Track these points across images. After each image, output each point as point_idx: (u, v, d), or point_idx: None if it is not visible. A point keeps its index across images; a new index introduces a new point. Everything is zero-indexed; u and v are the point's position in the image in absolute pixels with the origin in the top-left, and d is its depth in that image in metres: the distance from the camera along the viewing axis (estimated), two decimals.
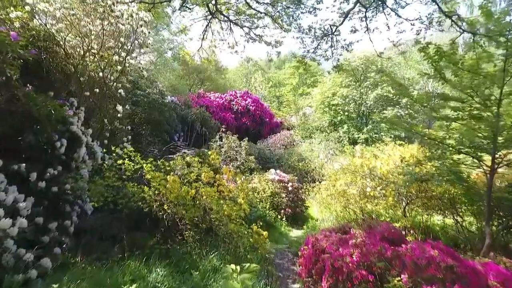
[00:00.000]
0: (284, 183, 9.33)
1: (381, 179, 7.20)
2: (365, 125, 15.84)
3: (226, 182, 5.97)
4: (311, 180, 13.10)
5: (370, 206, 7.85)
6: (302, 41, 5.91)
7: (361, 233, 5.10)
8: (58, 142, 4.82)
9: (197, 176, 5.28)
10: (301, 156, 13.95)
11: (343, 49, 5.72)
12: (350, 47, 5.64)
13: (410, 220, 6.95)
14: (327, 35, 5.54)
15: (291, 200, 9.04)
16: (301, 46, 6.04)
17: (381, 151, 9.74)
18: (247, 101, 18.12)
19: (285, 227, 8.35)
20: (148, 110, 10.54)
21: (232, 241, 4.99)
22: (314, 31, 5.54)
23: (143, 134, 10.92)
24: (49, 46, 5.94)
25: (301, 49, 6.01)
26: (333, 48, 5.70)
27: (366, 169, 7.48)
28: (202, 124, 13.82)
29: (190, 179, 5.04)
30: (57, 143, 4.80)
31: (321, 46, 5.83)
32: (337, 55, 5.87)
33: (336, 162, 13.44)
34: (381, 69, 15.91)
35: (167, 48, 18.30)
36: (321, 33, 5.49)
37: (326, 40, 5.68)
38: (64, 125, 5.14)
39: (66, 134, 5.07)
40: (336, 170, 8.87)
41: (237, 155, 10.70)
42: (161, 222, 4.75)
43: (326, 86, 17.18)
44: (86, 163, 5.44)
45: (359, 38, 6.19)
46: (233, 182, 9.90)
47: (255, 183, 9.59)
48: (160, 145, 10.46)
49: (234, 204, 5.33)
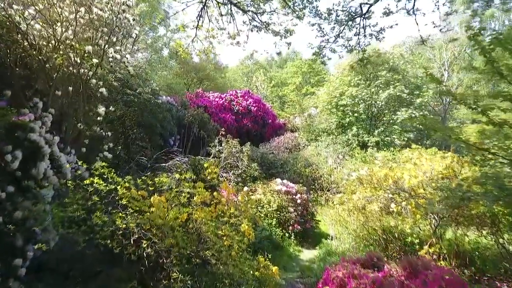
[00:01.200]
0: (291, 194, 8.22)
1: (409, 193, 6.08)
2: (376, 127, 14.71)
3: (226, 198, 4.87)
4: (319, 188, 11.99)
5: (393, 223, 6.76)
6: (319, 28, 4.79)
7: (399, 272, 3.99)
8: (10, 155, 3.72)
9: (189, 198, 4.18)
10: (307, 161, 12.82)
11: (371, 37, 4.61)
12: (381, 34, 4.50)
13: (445, 245, 5.84)
14: (353, 18, 4.43)
15: (300, 215, 7.92)
16: (318, 35, 4.92)
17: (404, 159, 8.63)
18: (249, 101, 17.01)
19: (294, 247, 7.24)
20: (139, 111, 9.42)
21: (234, 283, 3.89)
22: (336, 15, 4.43)
23: (134, 138, 9.81)
24: (7, 34, 4.84)
25: (318, 38, 4.90)
26: (359, 36, 4.59)
27: (391, 181, 6.36)
28: (200, 127, 12.70)
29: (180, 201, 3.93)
30: (7, 156, 3.69)
31: (344, 34, 4.72)
32: (364, 44, 4.75)
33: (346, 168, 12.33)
34: (393, 66, 14.80)
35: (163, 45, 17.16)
36: (345, 16, 4.39)
37: (350, 26, 4.58)
38: (23, 132, 4.05)
39: (24, 144, 3.98)
40: (352, 181, 7.75)
41: (238, 162, 9.59)
42: (141, 260, 3.65)
43: (333, 85, 16.04)
44: (50, 180, 4.32)
45: (392, 23, 5.16)
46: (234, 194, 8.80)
47: (259, 194, 8.48)
48: (153, 150, 9.34)
49: (236, 233, 4.23)
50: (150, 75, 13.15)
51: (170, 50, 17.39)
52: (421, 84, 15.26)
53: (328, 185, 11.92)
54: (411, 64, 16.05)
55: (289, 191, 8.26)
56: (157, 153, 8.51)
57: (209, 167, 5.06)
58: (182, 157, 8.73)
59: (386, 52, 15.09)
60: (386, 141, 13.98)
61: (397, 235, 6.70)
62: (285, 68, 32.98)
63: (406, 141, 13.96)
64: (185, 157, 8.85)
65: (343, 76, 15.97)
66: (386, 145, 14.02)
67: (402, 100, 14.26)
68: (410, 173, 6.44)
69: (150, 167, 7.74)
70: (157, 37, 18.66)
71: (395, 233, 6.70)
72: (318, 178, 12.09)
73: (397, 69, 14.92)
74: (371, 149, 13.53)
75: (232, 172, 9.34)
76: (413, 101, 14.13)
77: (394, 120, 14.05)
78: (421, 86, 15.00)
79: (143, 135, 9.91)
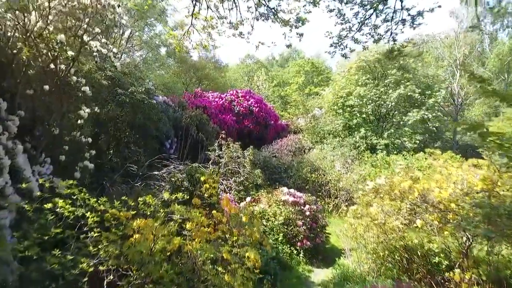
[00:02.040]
0: (299, 205, 7.40)
1: (438, 208, 5.26)
2: (385, 129, 13.88)
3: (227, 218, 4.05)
4: (327, 195, 11.17)
5: (417, 240, 5.96)
6: (339, 14, 3.97)
7: None
8: None
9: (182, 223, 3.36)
10: (313, 165, 11.99)
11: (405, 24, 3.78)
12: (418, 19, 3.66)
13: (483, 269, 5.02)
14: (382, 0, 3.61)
15: (310, 228, 7.10)
16: (338, 22, 4.08)
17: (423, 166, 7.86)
18: (250, 102, 16.18)
19: (304, 267, 6.42)
20: (131, 112, 8.60)
21: None
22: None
23: (126, 142, 8.98)
24: None
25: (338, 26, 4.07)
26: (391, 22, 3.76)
27: (417, 194, 5.53)
28: (199, 129, 11.86)
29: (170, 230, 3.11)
30: None
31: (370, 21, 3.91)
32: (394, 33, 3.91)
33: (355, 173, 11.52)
34: (403, 64, 13.98)
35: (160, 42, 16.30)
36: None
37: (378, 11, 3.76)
38: None
39: None
40: (367, 192, 6.92)
41: (240, 168, 8.76)
42: None
43: (339, 85, 15.21)
44: (8, 199, 3.51)
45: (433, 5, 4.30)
46: (235, 203, 7.97)
47: (263, 204, 7.67)
48: (146, 156, 8.51)
49: (239, 266, 3.41)
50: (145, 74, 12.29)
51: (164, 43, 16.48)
52: (432, 83, 14.45)
53: (336, 192, 11.09)
54: (421, 62, 15.21)
55: (296, 201, 7.43)
56: (149, 160, 7.67)
57: (207, 181, 4.24)
58: (179, 163, 7.91)
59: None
60: (396, 144, 13.17)
61: (420, 253, 5.91)
62: (286, 67, 32.15)
63: (417, 144, 13.16)
64: (181, 163, 8.02)
65: (350, 75, 15.14)
66: (396, 148, 13.20)
67: (413, 101, 13.43)
68: (438, 184, 5.61)
69: (141, 176, 6.91)
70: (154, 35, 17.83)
71: (420, 252, 5.90)
72: (325, 184, 11.26)
73: (407, 67, 14.10)
74: (381, 152, 12.71)
75: (233, 179, 8.51)
76: (425, 101, 13.30)
77: (405, 122, 13.22)
78: (432, 86, 14.18)
79: (137, 138, 9.10)
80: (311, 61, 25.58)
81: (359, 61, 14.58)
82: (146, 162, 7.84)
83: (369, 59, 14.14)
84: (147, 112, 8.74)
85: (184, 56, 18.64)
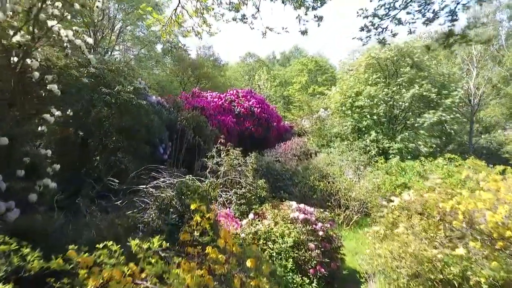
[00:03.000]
0: (311, 224, 6.34)
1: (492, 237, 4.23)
2: (398, 132, 12.83)
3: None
4: (336, 205, 10.12)
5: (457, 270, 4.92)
6: None
7: None
8: None
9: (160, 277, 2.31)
10: (321, 171, 10.95)
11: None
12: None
13: None
14: None
15: (324, 251, 6.04)
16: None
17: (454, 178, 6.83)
18: (251, 102, 15.16)
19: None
20: (117, 114, 7.56)
21: None
22: None
23: (112, 148, 7.93)
24: None
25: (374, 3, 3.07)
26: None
27: (461, 217, 4.49)
28: (196, 132, 10.79)
29: None
30: None
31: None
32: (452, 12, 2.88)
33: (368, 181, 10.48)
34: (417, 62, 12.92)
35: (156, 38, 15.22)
36: None
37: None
38: None
39: None
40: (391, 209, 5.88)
41: (241, 178, 7.72)
42: None
43: (347, 84, 14.15)
44: None
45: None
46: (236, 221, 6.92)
47: (268, 221, 6.62)
48: (136, 163, 7.48)
49: None
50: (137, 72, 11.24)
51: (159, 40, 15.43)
52: (448, 82, 13.39)
53: (346, 202, 10.05)
54: (436, 60, 14.16)
55: (307, 219, 6.38)
56: (138, 170, 6.63)
57: (200, 208, 3.19)
58: (170, 173, 6.85)
59: (407, 45, 13.19)
60: (411, 148, 12.11)
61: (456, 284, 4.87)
62: (288, 66, 31.09)
63: (433, 148, 12.11)
64: (174, 173, 6.97)
65: (359, 73, 14.09)
66: (410, 153, 12.15)
67: (428, 101, 12.38)
68: (487, 205, 4.56)
69: (124, 191, 5.86)
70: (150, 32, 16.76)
71: (454, 280, 4.86)
72: (335, 193, 10.21)
73: (421, 65, 13.05)
74: (394, 157, 11.66)
75: (233, 191, 7.47)
76: (441, 102, 12.24)
77: (420, 124, 12.16)
78: (448, 85, 13.12)
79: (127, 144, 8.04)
80: (315, 59, 24.51)
81: (369, 58, 13.53)
82: (134, 172, 6.80)
83: (380, 56, 13.08)
84: (135, 113, 7.69)
85: (181, 54, 17.61)
